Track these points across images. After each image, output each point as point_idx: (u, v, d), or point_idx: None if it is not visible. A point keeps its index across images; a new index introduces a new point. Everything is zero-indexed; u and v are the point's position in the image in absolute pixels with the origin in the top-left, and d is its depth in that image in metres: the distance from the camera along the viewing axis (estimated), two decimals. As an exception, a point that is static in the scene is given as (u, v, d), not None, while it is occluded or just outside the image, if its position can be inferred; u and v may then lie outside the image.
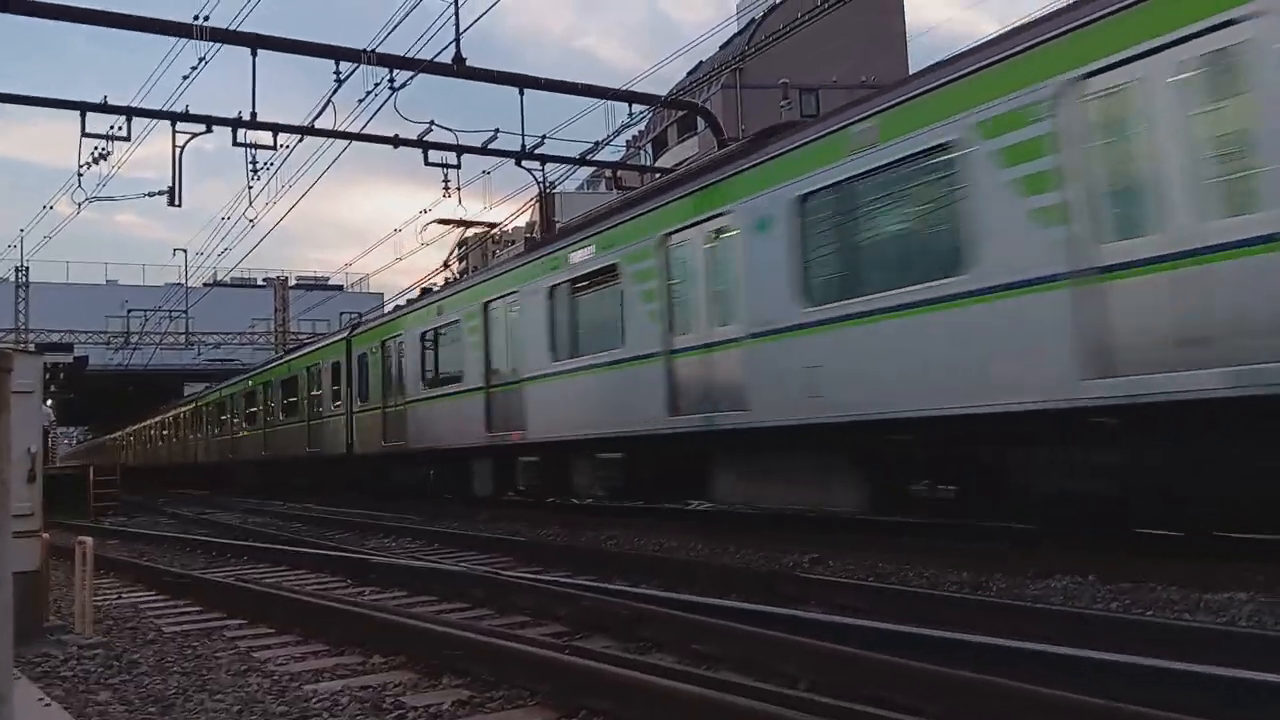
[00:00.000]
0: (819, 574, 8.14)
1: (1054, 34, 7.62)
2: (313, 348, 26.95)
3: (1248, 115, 6.51)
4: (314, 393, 25.36)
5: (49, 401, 37.42)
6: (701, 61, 38.52)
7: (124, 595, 8.93)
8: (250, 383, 32.07)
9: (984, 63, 8.19)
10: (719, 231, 10.95)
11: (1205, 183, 6.65)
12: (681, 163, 37.45)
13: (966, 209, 8.18)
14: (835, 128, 9.54)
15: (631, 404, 12.15)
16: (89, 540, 7.33)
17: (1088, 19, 7.35)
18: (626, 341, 12.34)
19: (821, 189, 9.63)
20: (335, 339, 24.54)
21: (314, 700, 4.87)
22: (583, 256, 13.44)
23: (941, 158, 8.42)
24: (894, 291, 8.75)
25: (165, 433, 47.98)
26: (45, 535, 6.86)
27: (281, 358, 31.14)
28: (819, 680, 4.59)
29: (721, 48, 39.90)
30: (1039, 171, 7.60)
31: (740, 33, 38.63)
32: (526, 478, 15.44)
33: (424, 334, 18.52)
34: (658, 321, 11.74)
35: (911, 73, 11.78)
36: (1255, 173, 6.40)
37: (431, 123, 18.02)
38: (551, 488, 15.18)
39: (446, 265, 32.99)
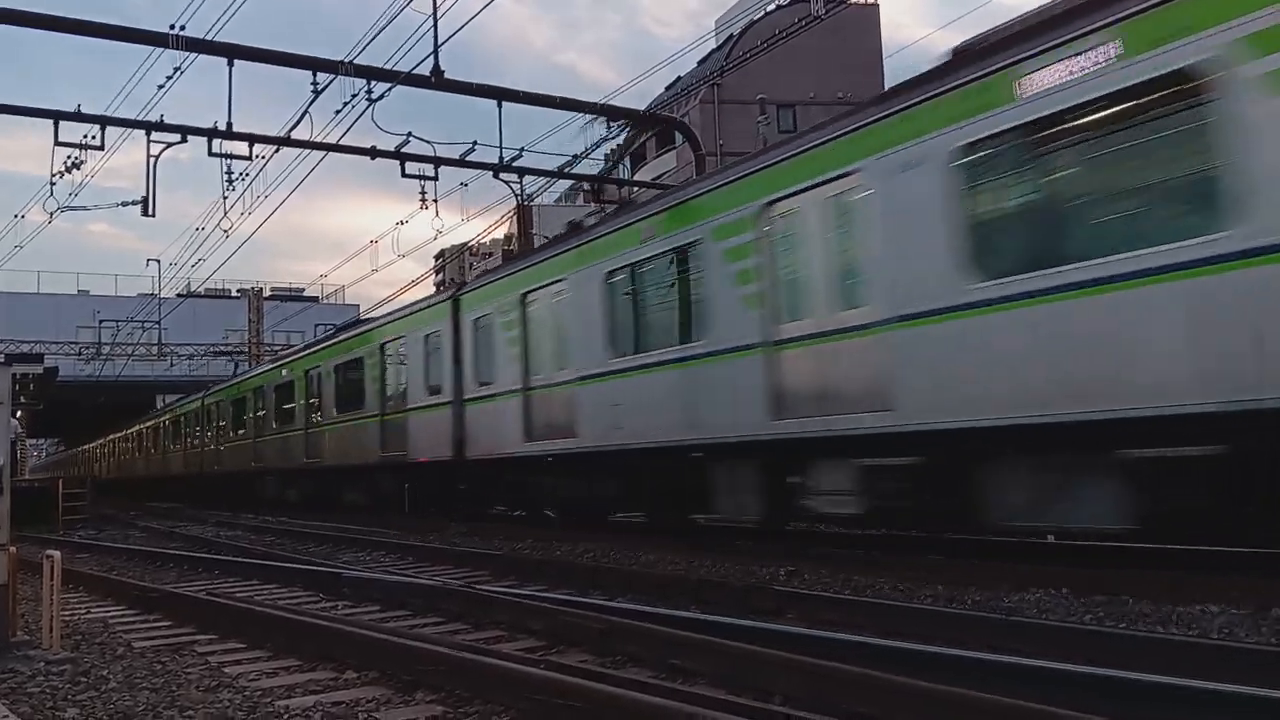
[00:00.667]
0: (795, 587, 8.14)
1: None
2: (385, 320, 20.59)
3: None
4: (392, 379, 19.22)
5: (18, 414, 36.94)
6: (680, 77, 38.72)
7: (93, 610, 8.81)
8: (286, 372, 26.22)
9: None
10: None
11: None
12: (660, 176, 37.59)
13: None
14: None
15: None
16: (57, 554, 7.21)
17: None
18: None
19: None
20: (429, 303, 18.27)
21: (286, 717, 4.82)
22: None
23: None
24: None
25: (165, 439, 41.75)
26: (12, 549, 6.75)
27: (334, 335, 24.16)
28: (796, 694, 4.58)
29: (700, 63, 40.12)
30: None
31: (718, 49, 38.84)
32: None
33: (618, 272, 12.34)
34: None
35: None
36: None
37: (409, 134, 17.97)
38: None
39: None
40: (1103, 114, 7.18)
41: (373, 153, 18.19)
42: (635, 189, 27.82)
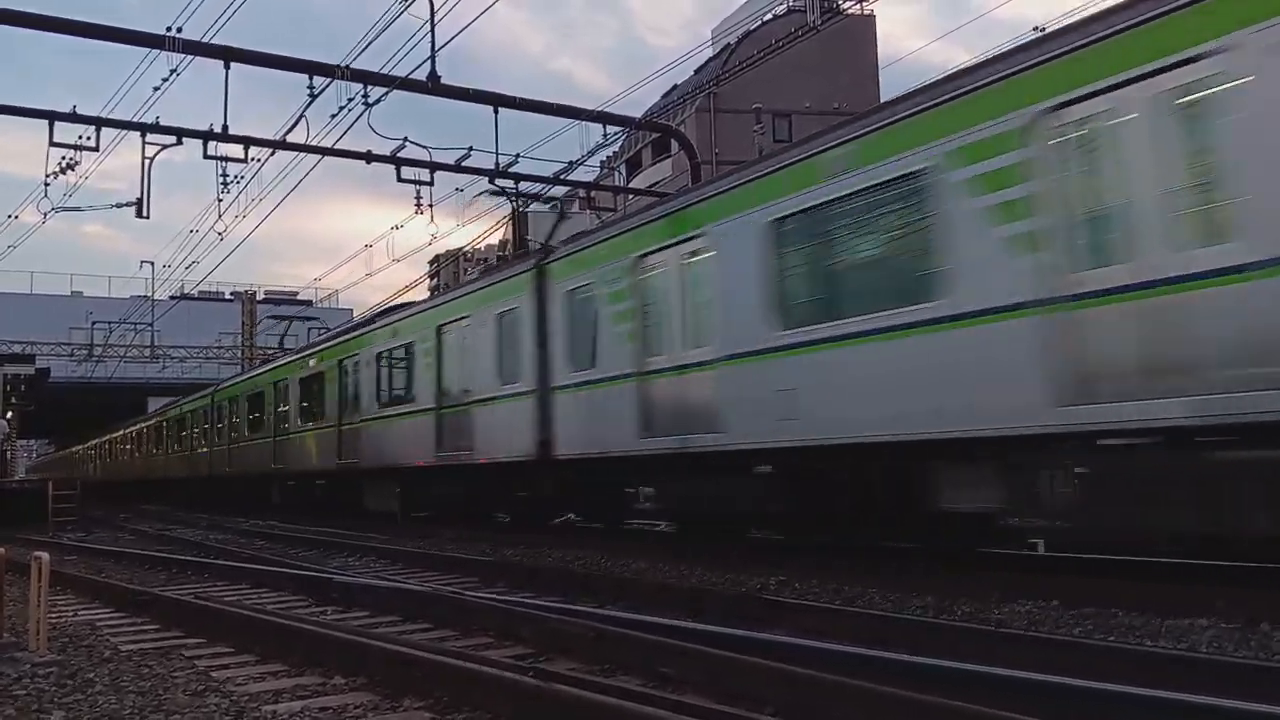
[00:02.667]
0: (786, 596, 8.14)
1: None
2: (443, 300, 17.94)
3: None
4: (452, 367, 16.38)
5: (9, 414, 36.78)
6: (676, 85, 38.79)
7: (80, 612, 8.77)
8: (315, 362, 22.70)
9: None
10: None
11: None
12: (656, 184, 37.64)
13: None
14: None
15: None
16: (45, 555, 7.18)
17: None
18: None
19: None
20: (504, 275, 15.65)
21: (272, 721, 4.79)
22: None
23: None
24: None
25: (167, 439, 38.85)
26: (0, 550, 6.71)
27: (374, 320, 20.87)
28: (785, 703, 4.58)
29: (696, 72, 40.22)
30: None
31: (714, 58, 38.95)
32: None
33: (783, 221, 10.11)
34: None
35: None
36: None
37: (405, 139, 18.03)
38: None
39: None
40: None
41: (368, 157, 18.24)
42: (630, 196, 27.85)
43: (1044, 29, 11.57)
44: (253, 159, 17.41)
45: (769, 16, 34.16)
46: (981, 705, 3.94)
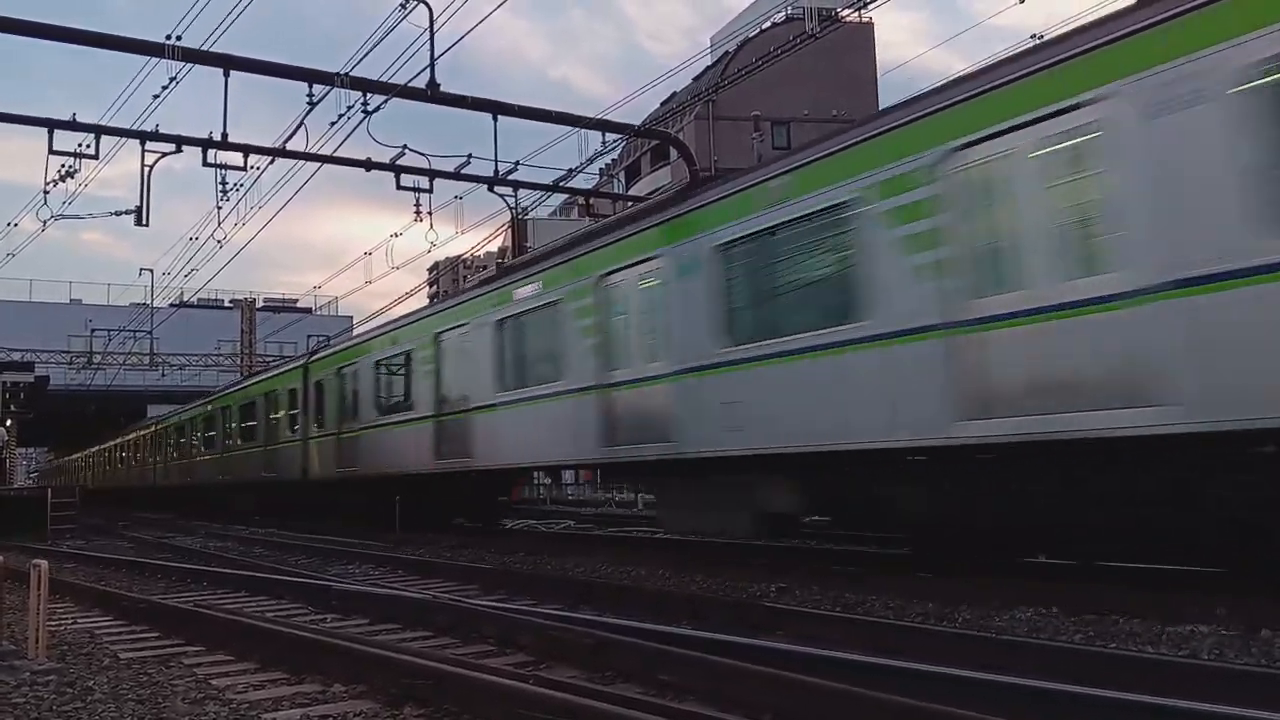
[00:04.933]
0: (786, 604, 8.13)
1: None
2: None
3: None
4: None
5: (8, 422, 36.74)
6: (675, 92, 38.87)
7: (80, 620, 8.75)
8: (393, 346, 19.34)
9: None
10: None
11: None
12: (654, 191, 37.67)
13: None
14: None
15: None
16: (44, 563, 7.17)
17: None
18: None
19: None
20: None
21: (272, 729, 4.78)
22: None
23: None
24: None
25: (187, 442, 35.46)
26: (-1, 558, 6.70)
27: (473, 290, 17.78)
28: (784, 711, 4.57)
29: (695, 79, 40.29)
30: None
31: (713, 65, 39.02)
32: None
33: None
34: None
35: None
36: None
37: (404, 147, 17.99)
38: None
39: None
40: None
41: (368, 165, 18.21)
42: (629, 203, 27.87)
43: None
44: (252, 167, 17.39)
45: (768, 24, 34.28)
46: (983, 712, 3.93)
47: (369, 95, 16.07)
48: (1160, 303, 6.67)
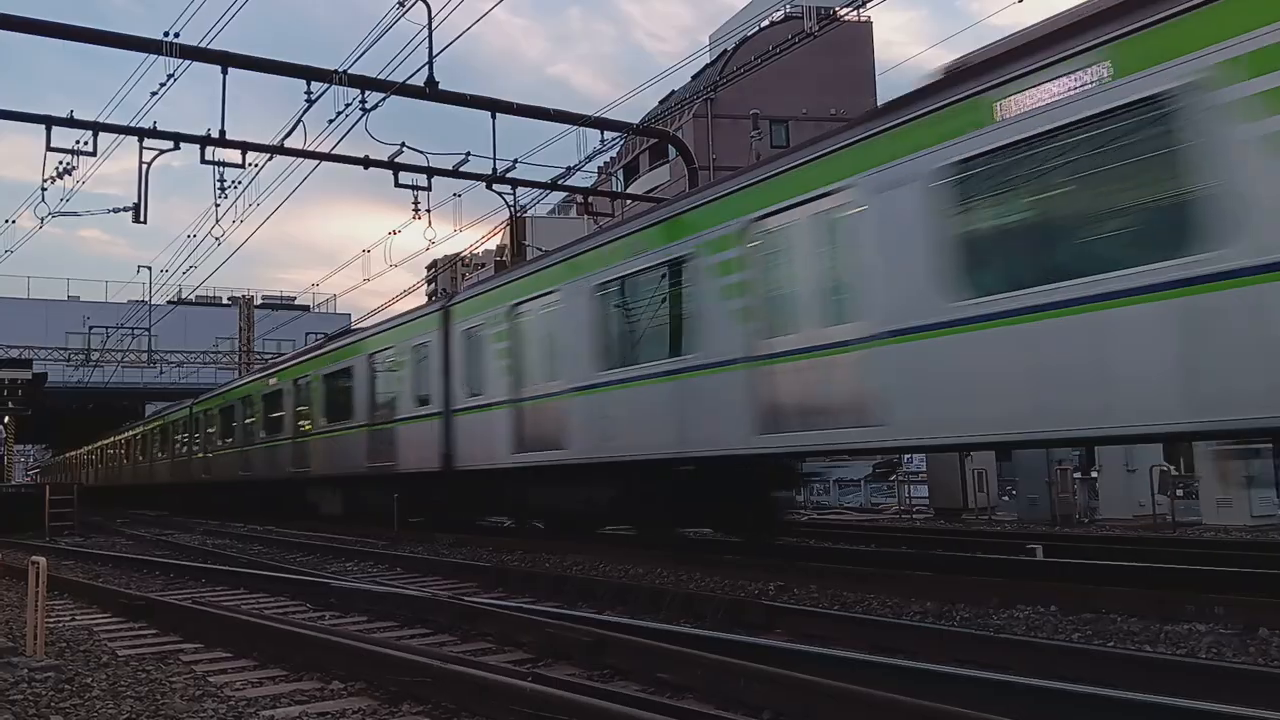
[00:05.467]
0: (784, 602, 8.14)
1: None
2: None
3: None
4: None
5: (5, 419, 36.68)
6: (673, 91, 38.86)
7: (78, 617, 8.75)
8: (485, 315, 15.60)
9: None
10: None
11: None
12: (654, 189, 37.68)
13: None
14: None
15: None
16: (42, 560, 7.17)
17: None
18: None
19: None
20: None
21: (270, 727, 4.78)
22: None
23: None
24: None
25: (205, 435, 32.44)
26: (-3, 555, 6.69)
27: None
28: (784, 709, 4.57)
29: (694, 78, 40.28)
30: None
31: (712, 64, 38.99)
32: None
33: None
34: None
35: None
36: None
37: (403, 144, 18.00)
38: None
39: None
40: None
41: (366, 162, 18.21)
42: (628, 202, 27.86)
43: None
44: (250, 164, 17.41)
45: (766, 23, 34.24)
46: (981, 710, 3.93)
47: (367, 93, 16.08)
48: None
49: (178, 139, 16.47)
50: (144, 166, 16.52)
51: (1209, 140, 6.40)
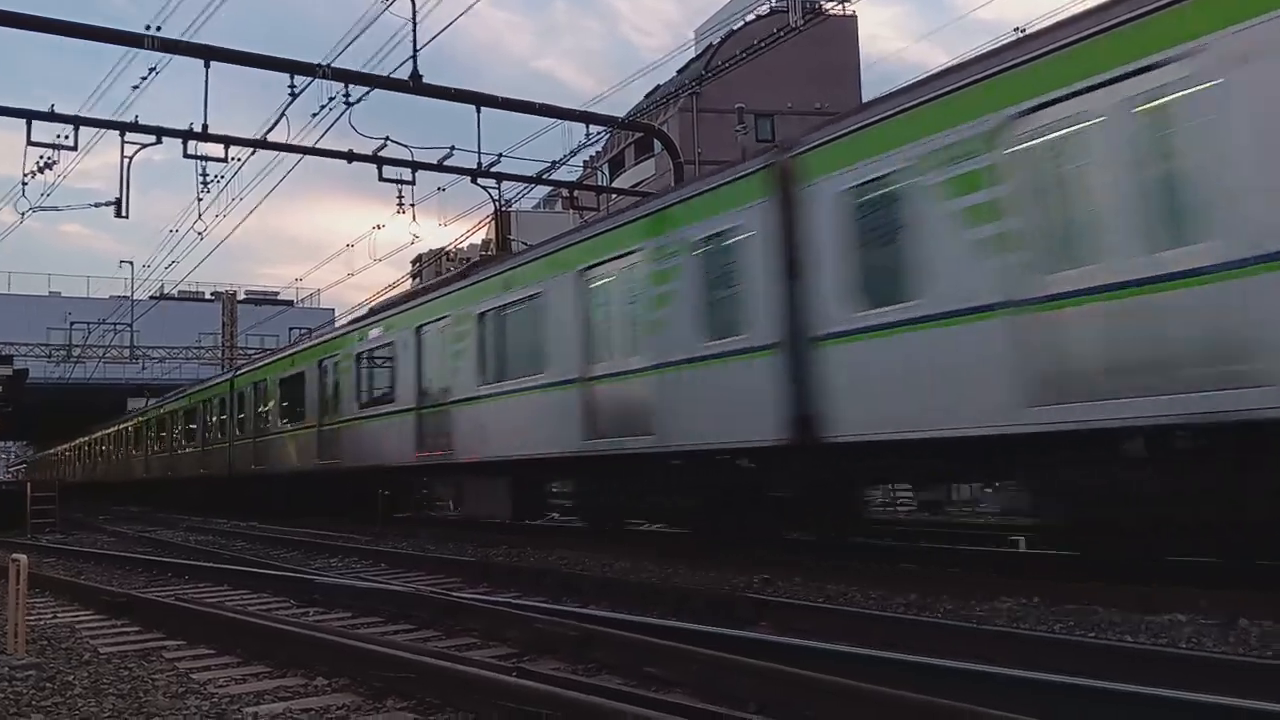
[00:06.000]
0: (770, 595, 8.15)
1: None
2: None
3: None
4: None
5: (-13, 415, 36.42)
6: (659, 85, 38.79)
7: (59, 614, 8.69)
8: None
9: (368, 321, 19.53)
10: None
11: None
12: (639, 183, 37.62)
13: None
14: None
15: None
16: (23, 557, 7.12)
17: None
18: None
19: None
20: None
21: (254, 723, 4.76)
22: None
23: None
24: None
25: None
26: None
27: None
28: (769, 702, 4.58)
29: (679, 72, 40.22)
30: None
31: (698, 58, 38.96)
32: None
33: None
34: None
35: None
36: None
37: (386, 138, 17.96)
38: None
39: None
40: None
41: (349, 156, 18.16)
42: (614, 196, 27.83)
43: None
44: (233, 158, 17.33)
45: (752, 17, 34.21)
46: (964, 702, 3.95)
47: (351, 86, 16.03)
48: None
49: (160, 133, 16.38)
50: (126, 161, 16.45)
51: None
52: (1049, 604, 7.19)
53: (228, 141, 17.09)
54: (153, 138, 16.35)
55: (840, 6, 22.80)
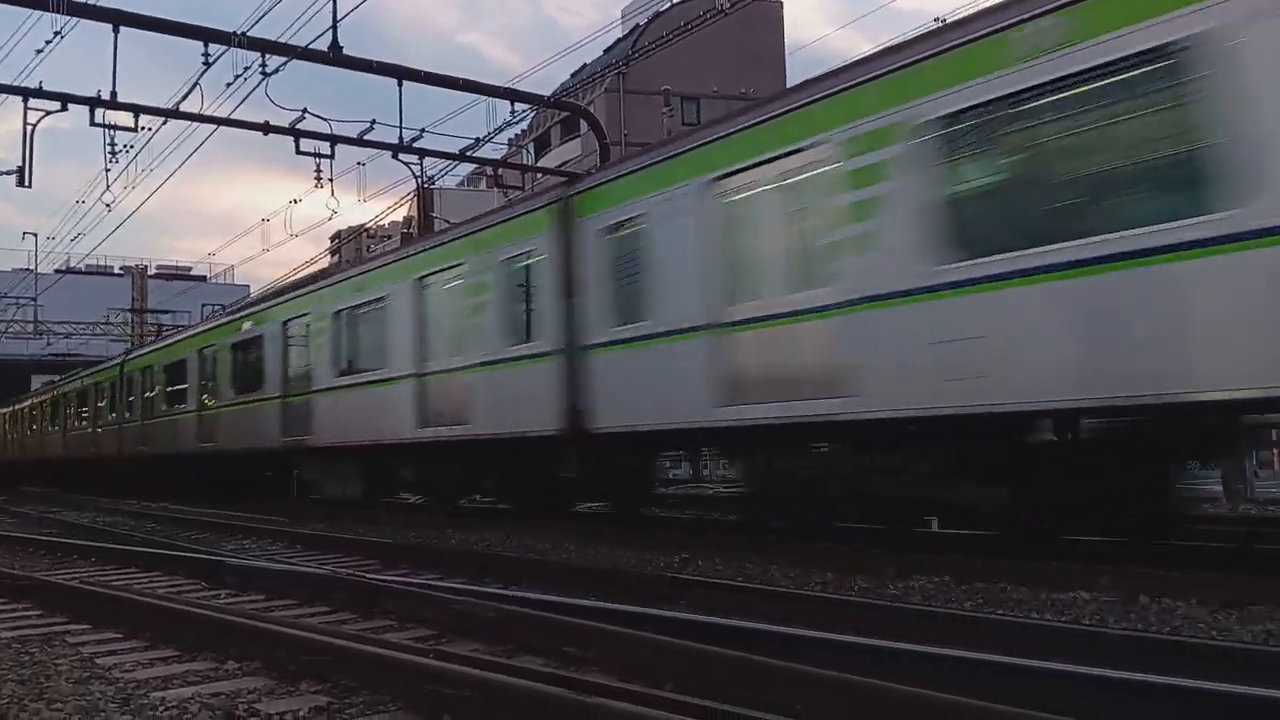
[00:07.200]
0: (689, 574, 8.22)
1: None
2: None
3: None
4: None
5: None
6: (585, 64, 38.61)
7: (-45, 599, 8.35)
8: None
9: (295, 294, 19.28)
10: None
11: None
12: (564, 164, 37.40)
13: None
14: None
15: None
16: (-85, 540, 6.83)
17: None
18: None
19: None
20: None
21: (161, 709, 4.63)
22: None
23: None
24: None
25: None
26: None
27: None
28: (686, 680, 4.62)
29: (606, 51, 40.07)
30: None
31: (624, 38, 38.84)
32: None
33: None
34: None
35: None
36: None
37: (305, 110, 17.49)
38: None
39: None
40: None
41: (265, 128, 17.66)
42: (539, 175, 27.64)
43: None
44: (144, 128, 16.73)
45: (678, -1, 34.18)
46: (877, 679, 4.03)
47: (268, 56, 15.61)
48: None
49: (65, 100, 15.74)
50: (29, 128, 15.78)
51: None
52: (959, 582, 7.39)
53: (138, 110, 16.50)
54: (58, 104, 15.71)
55: (766, -9, 22.88)
